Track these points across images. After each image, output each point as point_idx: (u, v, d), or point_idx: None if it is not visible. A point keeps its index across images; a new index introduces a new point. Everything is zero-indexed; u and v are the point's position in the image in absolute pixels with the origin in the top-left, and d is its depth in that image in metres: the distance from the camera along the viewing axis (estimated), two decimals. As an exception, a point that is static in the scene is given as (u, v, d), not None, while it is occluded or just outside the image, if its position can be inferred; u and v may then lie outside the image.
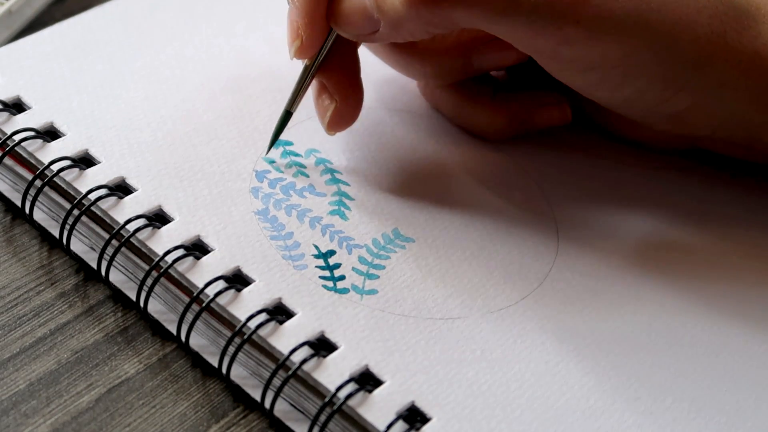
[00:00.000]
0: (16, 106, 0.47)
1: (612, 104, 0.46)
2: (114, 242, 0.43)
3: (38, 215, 0.45)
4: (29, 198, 0.44)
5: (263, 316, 0.40)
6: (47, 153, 0.45)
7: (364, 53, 0.48)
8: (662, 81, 0.43)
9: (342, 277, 0.42)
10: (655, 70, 0.43)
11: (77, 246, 0.44)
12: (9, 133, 0.45)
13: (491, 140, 0.49)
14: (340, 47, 0.45)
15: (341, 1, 0.43)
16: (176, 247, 0.42)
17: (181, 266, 0.41)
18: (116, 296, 0.43)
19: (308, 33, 0.44)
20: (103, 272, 0.43)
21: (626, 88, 0.44)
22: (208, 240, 0.43)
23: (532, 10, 0.41)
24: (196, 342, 0.42)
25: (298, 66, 0.52)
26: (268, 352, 0.40)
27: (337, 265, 0.43)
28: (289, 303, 0.41)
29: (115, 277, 0.43)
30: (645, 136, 0.49)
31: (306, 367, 0.39)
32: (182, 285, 0.42)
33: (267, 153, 0.46)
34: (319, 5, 0.44)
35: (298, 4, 0.44)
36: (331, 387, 0.38)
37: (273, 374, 0.39)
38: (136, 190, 0.44)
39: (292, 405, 0.40)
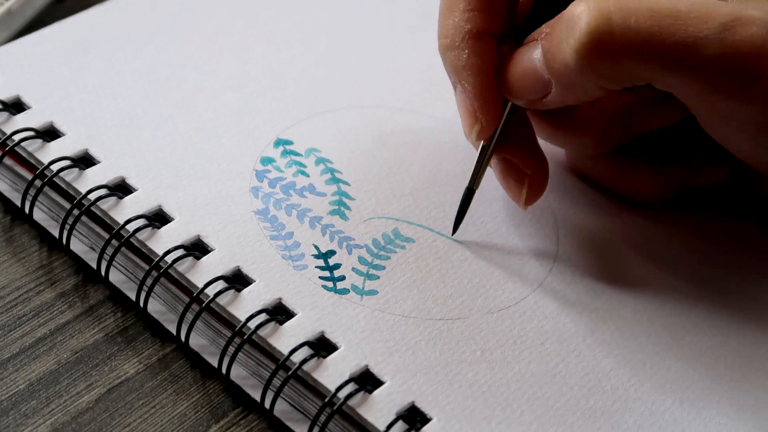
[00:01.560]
0: (16, 106, 0.47)
1: None
2: (114, 242, 0.43)
3: (38, 215, 0.45)
4: (29, 198, 0.44)
5: (263, 317, 0.40)
6: (47, 153, 0.45)
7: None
8: None
9: (342, 278, 0.42)
10: None
11: (77, 246, 0.44)
12: (9, 132, 0.45)
13: (648, 204, 0.47)
14: (515, 119, 0.44)
15: (511, 69, 0.42)
16: (176, 247, 0.42)
17: (181, 266, 0.41)
18: (116, 296, 0.43)
19: (486, 115, 0.42)
20: (102, 272, 0.43)
21: None
22: (208, 240, 0.43)
23: (710, 62, 0.38)
24: (196, 342, 0.42)
25: (301, 66, 0.52)
26: (268, 352, 0.40)
27: (337, 266, 0.43)
28: (289, 303, 0.41)
29: (115, 277, 0.43)
30: None
31: (306, 367, 0.39)
32: (182, 285, 0.42)
33: (453, 233, 0.45)
34: (491, 83, 0.42)
35: (471, 87, 0.42)
36: (331, 387, 0.38)
37: (273, 374, 0.39)
38: (136, 190, 0.44)
39: (292, 405, 0.40)
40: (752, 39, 0.38)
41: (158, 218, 0.43)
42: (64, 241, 0.44)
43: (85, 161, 0.45)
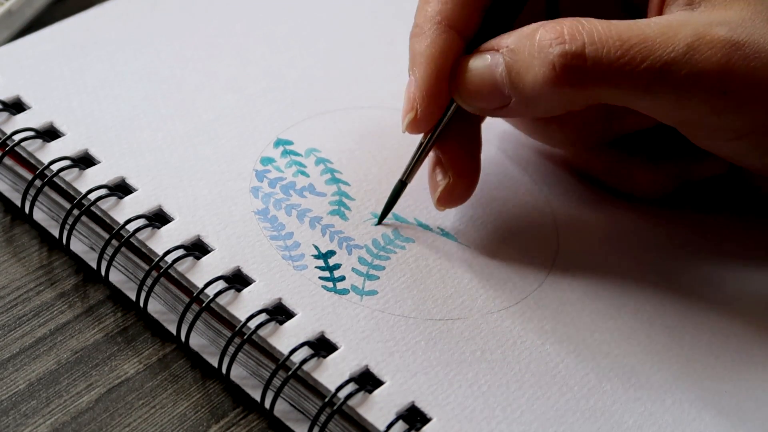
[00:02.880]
0: (16, 106, 0.47)
1: (762, 169, 0.44)
2: (114, 242, 0.43)
3: (38, 215, 0.45)
4: (29, 198, 0.44)
5: (263, 317, 0.40)
6: (47, 153, 0.45)
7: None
8: None
9: (342, 278, 0.42)
10: None
11: (77, 246, 0.44)
12: (9, 133, 0.45)
13: (648, 199, 0.48)
14: (461, 121, 0.44)
15: (467, 74, 0.42)
16: (176, 247, 0.42)
17: (181, 266, 0.41)
18: (116, 296, 0.43)
19: (424, 108, 0.42)
20: (102, 272, 0.43)
21: None
22: (208, 240, 0.43)
23: (678, 83, 0.39)
24: (196, 342, 0.42)
25: (301, 67, 0.52)
26: (268, 352, 0.40)
27: (337, 266, 0.43)
28: (289, 303, 0.41)
29: (115, 277, 0.43)
30: None
31: (306, 367, 0.39)
32: (182, 285, 0.42)
33: (379, 222, 0.45)
34: (440, 80, 0.42)
35: (419, 75, 0.42)
36: (331, 387, 0.38)
37: (273, 374, 0.39)
38: (136, 190, 0.44)
39: (292, 405, 0.40)
40: (716, 57, 0.39)
41: (158, 218, 0.43)
42: (64, 241, 0.44)
43: (85, 161, 0.45)
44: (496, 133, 0.50)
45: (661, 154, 0.47)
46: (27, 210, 0.44)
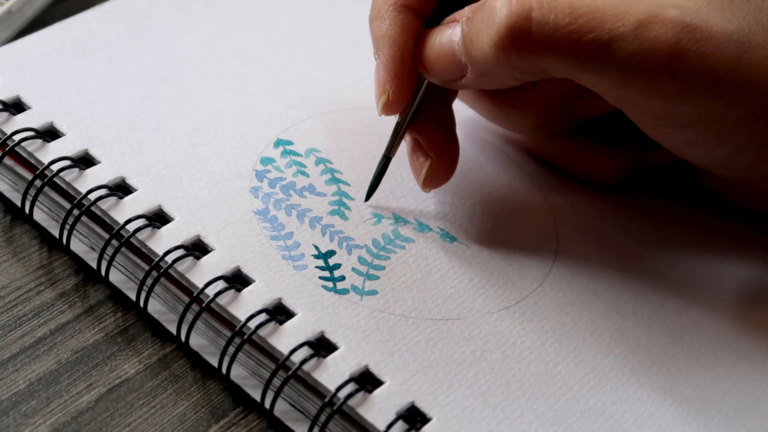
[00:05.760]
0: (16, 106, 0.47)
1: (707, 164, 0.44)
2: (114, 242, 0.43)
3: (38, 215, 0.45)
4: (29, 198, 0.44)
5: (263, 316, 0.40)
6: (47, 153, 0.45)
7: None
8: (763, 141, 0.41)
9: (342, 278, 0.42)
10: (754, 128, 0.40)
11: (77, 246, 0.44)
12: (9, 133, 0.45)
13: (605, 184, 0.48)
14: (433, 101, 0.44)
15: (428, 46, 0.42)
16: (176, 247, 0.42)
17: (181, 266, 0.41)
18: (116, 296, 0.43)
19: (395, 88, 0.43)
20: (103, 272, 0.43)
21: (723, 147, 0.41)
22: (208, 240, 0.43)
23: (625, 59, 0.39)
24: (196, 342, 0.42)
25: (301, 67, 0.52)
26: (268, 352, 0.40)
27: (337, 266, 0.43)
28: (289, 303, 0.41)
29: (115, 277, 0.43)
30: (748, 200, 0.47)
31: (306, 367, 0.39)
32: (182, 285, 0.42)
33: (367, 200, 0.45)
34: (405, 59, 0.43)
35: (384, 57, 0.43)
36: (331, 387, 0.38)
37: (273, 374, 0.39)
38: (136, 190, 0.44)
39: (292, 405, 0.40)
40: (666, 37, 0.39)
41: (158, 218, 0.43)
42: (64, 241, 0.44)
43: (85, 161, 0.45)
44: (497, 134, 0.50)
45: (619, 140, 0.47)
46: (27, 210, 0.44)
